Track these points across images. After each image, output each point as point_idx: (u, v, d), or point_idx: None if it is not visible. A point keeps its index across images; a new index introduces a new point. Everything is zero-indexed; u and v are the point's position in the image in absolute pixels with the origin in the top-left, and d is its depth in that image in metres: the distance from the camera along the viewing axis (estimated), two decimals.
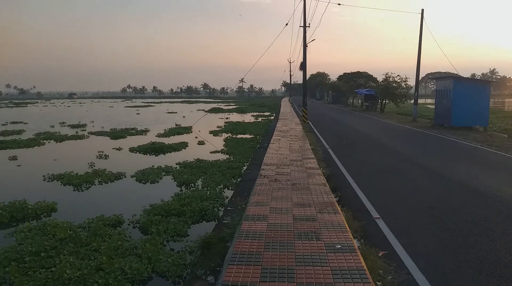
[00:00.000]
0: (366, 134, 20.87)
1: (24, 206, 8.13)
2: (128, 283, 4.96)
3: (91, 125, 31.02)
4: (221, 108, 61.56)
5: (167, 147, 17.02)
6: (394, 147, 15.95)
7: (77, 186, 10.50)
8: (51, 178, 11.39)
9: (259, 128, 25.96)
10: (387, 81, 40.86)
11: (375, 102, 45.94)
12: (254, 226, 5.67)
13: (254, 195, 7.50)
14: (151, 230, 6.82)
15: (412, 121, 29.09)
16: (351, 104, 62.29)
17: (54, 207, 8.46)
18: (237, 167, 12.20)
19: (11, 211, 7.92)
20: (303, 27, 29.19)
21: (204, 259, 5.30)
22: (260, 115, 42.38)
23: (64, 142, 20.54)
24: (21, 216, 7.90)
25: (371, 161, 12.60)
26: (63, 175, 11.40)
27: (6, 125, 31.34)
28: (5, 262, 5.59)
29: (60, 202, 8.78)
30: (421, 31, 29.51)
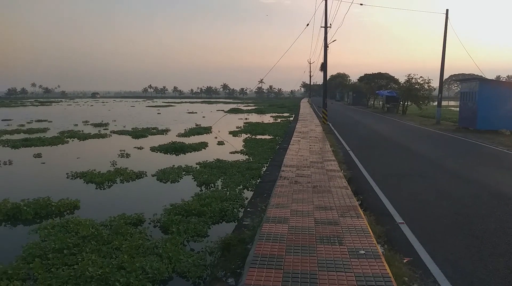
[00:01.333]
0: (388, 137, 20.49)
1: (48, 203, 8.29)
2: (149, 282, 4.97)
3: (113, 124, 31.56)
4: (240, 108, 61.66)
5: (187, 147, 17.14)
6: (417, 150, 15.60)
7: (100, 184, 10.66)
8: (74, 176, 11.60)
9: (278, 129, 25.86)
10: (410, 83, 40.11)
11: (397, 103, 45.13)
12: (275, 229, 5.60)
13: (274, 197, 7.43)
14: (172, 229, 6.84)
15: (435, 123, 28.44)
16: (372, 105, 61.43)
17: (77, 205, 8.60)
18: (256, 168, 12.16)
19: (35, 208, 8.08)
20: (324, 28, 28.94)
21: (225, 261, 5.26)
22: (279, 116, 42.24)
23: (87, 140, 20.96)
24: (44, 213, 8.05)
25: (394, 164, 12.35)
26: (86, 173, 11.61)
27: (31, 123, 32.22)
28: (29, 258, 5.69)
29: (83, 199, 8.92)
30: (446, 32, 28.85)
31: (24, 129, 26.37)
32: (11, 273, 5.23)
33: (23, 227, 7.47)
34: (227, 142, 19.77)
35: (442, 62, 29.35)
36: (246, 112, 51.56)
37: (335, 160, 11.92)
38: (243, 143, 18.88)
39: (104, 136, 22.72)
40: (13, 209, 7.94)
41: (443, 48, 29.11)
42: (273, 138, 20.58)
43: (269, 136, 22.03)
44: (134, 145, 18.50)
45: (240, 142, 19.68)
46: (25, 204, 8.11)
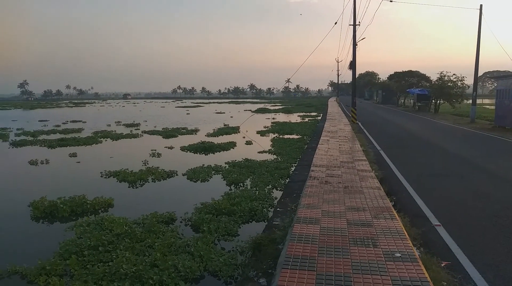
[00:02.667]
0: (420, 136, 19.90)
1: (84, 201, 8.54)
2: (181, 280, 5.02)
3: (145, 124, 32.26)
4: (267, 108, 61.64)
5: (216, 147, 17.27)
6: (451, 149, 15.06)
7: (132, 183, 10.90)
8: (108, 174, 11.92)
9: (306, 128, 25.65)
10: (442, 80, 38.82)
11: (429, 102, 43.82)
12: (306, 230, 5.52)
13: (305, 197, 7.35)
14: (203, 228, 6.90)
15: (469, 122, 27.39)
16: (402, 104, 59.87)
17: (111, 203, 8.82)
18: (285, 168, 12.09)
19: (71, 205, 8.34)
20: (353, 26, 28.50)
21: (256, 261, 5.24)
22: (307, 115, 41.90)
23: (119, 140, 21.53)
24: (80, 210, 8.30)
25: (427, 164, 11.96)
26: (119, 172, 11.90)
27: (66, 124, 33.43)
28: (66, 255, 5.88)
29: (117, 198, 9.14)
30: (480, 28, 27.70)
31: (60, 130, 27.40)
32: (49, 268, 5.41)
33: (60, 224, 7.73)
34: (255, 141, 19.78)
35: (476, 59, 28.20)
36: (273, 112, 51.47)
37: (366, 160, 11.68)
38: (271, 143, 18.85)
39: (135, 136, 23.27)
40: (50, 206, 8.22)
41: (477, 44, 27.98)
42: (301, 138, 20.43)
43: (297, 135, 21.88)
44: (165, 144, 18.84)
45: (268, 141, 19.65)
46: (61, 202, 8.37)
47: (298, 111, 52.89)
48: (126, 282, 4.90)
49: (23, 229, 7.51)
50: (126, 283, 4.87)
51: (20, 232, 7.38)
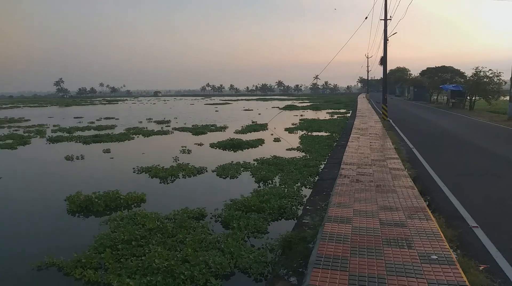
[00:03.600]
0: (455, 133, 19.19)
1: (117, 196, 8.77)
2: (212, 277, 5.06)
3: (175, 121, 32.80)
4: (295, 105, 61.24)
5: (244, 144, 17.32)
6: (487, 147, 14.43)
7: (163, 179, 11.11)
8: (140, 170, 12.20)
9: (335, 125, 25.30)
10: (477, 76, 37.25)
11: (463, 98, 42.16)
12: (337, 229, 5.44)
13: (335, 196, 7.24)
14: (233, 225, 6.93)
15: (507, 120, 26.13)
16: (435, 101, 57.95)
17: (143, 198, 9.01)
18: (314, 165, 11.98)
19: (106, 200, 8.58)
20: (384, 20, 27.79)
21: (286, 259, 5.21)
22: (336, 112, 41.30)
23: (151, 137, 22.01)
24: (114, 205, 8.53)
25: (463, 163, 11.52)
26: (151, 168, 12.15)
27: (100, 121, 34.48)
28: (100, 248, 6.05)
29: (149, 193, 9.33)
30: None
31: (94, 126, 28.31)
32: (84, 261, 5.59)
33: (94, 218, 7.97)
34: (283, 139, 19.70)
35: None
36: (301, 109, 51.11)
37: (398, 158, 11.38)
38: (299, 140, 18.71)
39: (166, 132, 23.70)
40: (86, 201, 8.49)
41: None
42: (330, 135, 20.18)
43: (325, 133, 21.63)
44: (195, 141, 19.09)
45: (296, 139, 19.53)
46: (96, 197, 8.63)
47: (326, 108, 52.24)
48: (158, 276, 4.99)
49: (59, 223, 7.79)
50: (159, 277, 4.96)
51: (57, 225, 7.66)
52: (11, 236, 7.11)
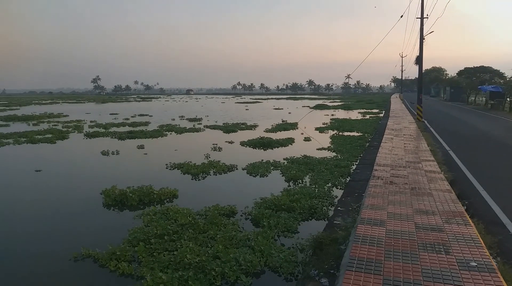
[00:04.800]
0: (494, 136, 18.35)
1: (150, 191, 8.96)
2: (242, 274, 5.08)
3: (206, 119, 33.21)
4: (326, 104, 60.53)
5: (274, 142, 17.30)
6: None
7: (195, 176, 11.26)
8: (173, 166, 12.43)
9: (367, 125, 24.81)
10: None
11: (503, 100, 40.23)
12: (371, 231, 5.31)
13: (368, 198, 7.08)
14: (263, 223, 6.94)
15: None
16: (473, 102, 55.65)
17: (175, 194, 9.17)
18: (345, 166, 11.79)
19: (139, 194, 8.79)
20: (421, 19, 26.93)
21: (317, 260, 5.15)
22: (368, 112, 40.47)
23: (183, 134, 22.39)
24: (147, 200, 8.72)
25: (502, 167, 11.00)
26: (183, 164, 12.36)
27: (134, 117, 35.42)
28: (134, 242, 6.20)
29: (181, 189, 9.48)
30: None
31: (129, 123, 29.12)
32: (119, 254, 5.74)
33: (129, 212, 8.18)
34: (314, 138, 19.52)
35: None
36: (332, 108, 50.46)
37: (434, 160, 11.01)
38: (330, 140, 18.49)
39: (198, 130, 24.04)
40: (121, 195, 8.73)
41: None
42: (362, 135, 19.81)
43: (357, 133, 21.25)
44: (225, 139, 19.25)
45: (327, 138, 19.30)
46: (130, 191, 8.85)
47: (358, 107, 51.30)
48: (190, 271, 5.06)
49: (95, 215, 8.05)
50: (190, 272, 5.03)
51: (93, 218, 7.91)
52: (50, 227, 7.41)
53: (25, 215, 8.04)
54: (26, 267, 5.75)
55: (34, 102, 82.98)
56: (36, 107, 58.79)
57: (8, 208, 8.57)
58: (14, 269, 5.70)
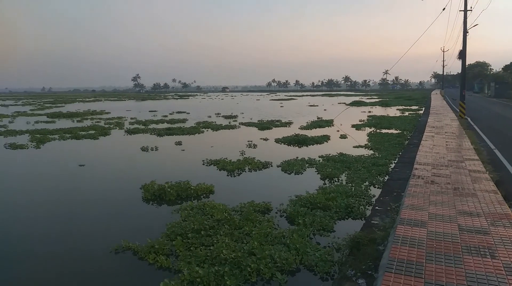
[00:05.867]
0: None
1: (188, 187, 9.13)
2: (277, 271, 5.07)
3: (241, 116, 33.45)
4: (363, 101, 59.26)
5: (309, 140, 17.14)
6: None
7: (231, 172, 11.38)
8: (209, 162, 12.62)
9: (406, 123, 24.04)
10: None
11: None
12: (411, 232, 5.15)
13: (408, 197, 6.87)
14: (298, 221, 6.89)
15: None
16: None
17: (212, 190, 9.30)
18: (383, 164, 11.49)
19: (177, 190, 8.97)
20: (464, 11, 25.73)
21: (354, 260, 5.06)
22: (407, 109, 39.22)
23: (219, 131, 22.69)
24: (185, 195, 8.90)
25: None
26: (219, 160, 12.52)
27: (172, 115, 36.26)
28: (172, 236, 6.35)
29: (217, 185, 9.60)
30: None
31: (167, 119, 29.84)
32: (157, 248, 5.89)
33: (167, 206, 8.37)
34: (350, 135, 19.17)
35: None
36: (369, 105, 49.33)
37: (478, 159, 10.50)
38: (367, 137, 18.09)
39: (233, 127, 24.27)
40: (159, 190, 8.95)
41: None
42: (400, 133, 19.22)
43: (396, 130, 20.64)
44: (260, 136, 19.30)
45: (364, 136, 18.89)
46: (168, 186, 9.06)
47: (396, 104, 49.84)
48: (226, 267, 5.12)
49: (135, 209, 8.29)
50: (226, 268, 5.08)
51: (133, 212, 8.16)
52: (92, 219, 7.71)
53: (70, 208, 8.42)
54: (70, 256, 6.02)
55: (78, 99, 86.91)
56: (80, 105, 61.54)
57: (55, 201, 9.01)
58: (60, 257, 5.99)
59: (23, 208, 8.48)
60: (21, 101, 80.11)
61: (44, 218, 7.79)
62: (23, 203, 8.88)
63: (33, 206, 8.62)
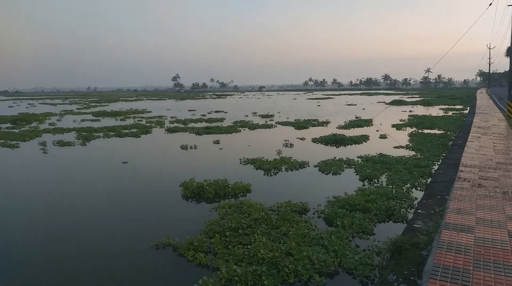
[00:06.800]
0: None
1: (226, 185, 9.23)
2: (316, 273, 5.02)
3: (278, 115, 33.42)
4: (403, 100, 57.43)
5: (347, 139, 16.84)
6: None
7: (267, 171, 11.40)
8: (246, 161, 12.70)
9: (450, 123, 23.06)
10: None
11: None
12: (457, 238, 4.92)
13: (453, 201, 6.57)
14: (336, 222, 6.79)
15: None
16: None
17: (249, 188, 9.35)
18: (426, 166, 11.08)
19: (215, 188, 9.10)
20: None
21: (395, 264, 4.90)
22: (450, 109, 37.60)
23: (256, 130, 22.80)
24: (223, 193, 9.00)
25: None
26: (256, 159, 12.57)
27: (210, 114, 36.85)
28: (210, 234, 6.43)
29: (254, 184, 9.64)
30: None
31: (205, 118, 30.36)
32: (196, 245, 5.99)
33: (205, 204, 8.50)
34: (390, 135, 18.64)
35: None
36: (410, 104, 47.74)
37: None
38: (408, 138, 17.52)
39: (270, 126, 24.29)
40: (198, 188, 9.12)
41: None
42: (444, 133, 18.45)
43: (439, 130, 19.85)
44: (297, 135, 19.20)
45: (405, 136, 18.31)
46: (207, 184, 9.20)
47: (439, 103, 47.90)
48: (263, 266, 5.12)
49: (175, 206, 8.50)
50: (264, 267, 5.09)
51: (172, 208, 8.37)
52: (134, 214, 7.97)
53: (113, 203, 8.76)
54: (111, 249, 6.26)
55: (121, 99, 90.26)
56: (123, 104, 63.91)
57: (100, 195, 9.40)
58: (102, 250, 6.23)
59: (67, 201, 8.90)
60: (68, 100, 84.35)
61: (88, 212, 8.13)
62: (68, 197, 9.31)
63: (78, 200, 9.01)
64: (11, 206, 8.74)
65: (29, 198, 9.30)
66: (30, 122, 29.69)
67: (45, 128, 24.75)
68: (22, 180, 11.23)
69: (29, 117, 32.57)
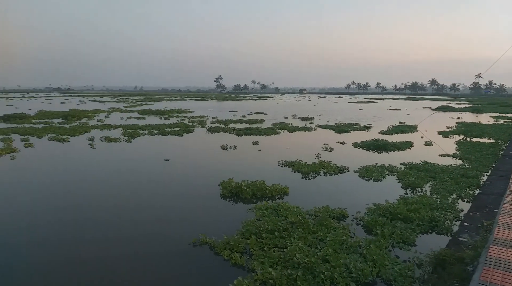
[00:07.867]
0: None
1: (263, 186, 9.25)
2: (353, 282, 4.90)
3: (318, 118, 33.06)
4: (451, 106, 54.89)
5: (390, 145, 16.34)
6: None
7: (305, 174, 11.30)
8: (284, 164, 12.66)
9: (501, 131, 21.79)
10: None
11: None
12: (506, 254, 4.63)
13: (503, 215, 6.20)
14: (376, 231, 6.61)
15: None
16: None
17: (286, 191, 9.31)
18: (474, 176, 10.54)
19: (253, 189, 9.14)
20: None
21: (438, 279, 4.70)
22: (502, 117, 35.50)
23: (295, 132, 22.68)
24: (260, 194, 9.03)
25: None
26: (294, 162, 12.50)
27: (251, 115, 37.09)
28: (246, 234, 6.47)
29: (291, 187, 9.60)
30: None
31: (246, 120, 30.60)
32: (232, 244, 6.05)
33: (242, 204, 8.56)
34: (436, 143, 17.88)
35: None
36: (458, 111, 45.55)
37: None
38: (455, 146, 16.74)
39: (309, 129, 24.08)
40: (236, 188, 9.20)
41: None
42: (494, 143, 17.47)
43: (489, 139, 18.81)
44: (337, 139, 18.89)
45: (452, 144, 17.51)
46: (245, 185, 9.26)
47: (490, 111, 45.37)
48: (299, 271, 5.08)
49: (213, 205, 8.60)
50: (299, 272, 5.05)
51: (210, 207, 8.48)
52: (174, 212, 8.16)
53: (155, 199, 9.02)
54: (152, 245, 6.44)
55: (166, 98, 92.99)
56: (167, 103, 65.81)
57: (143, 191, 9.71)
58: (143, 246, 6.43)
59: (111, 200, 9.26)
60: (116, 98, 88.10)
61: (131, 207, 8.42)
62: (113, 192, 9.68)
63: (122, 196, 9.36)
64: (65, 200, 9.21)
65: (73, 195, 9.76)
66: (80, 118, 31.32)
67: (94, 124, 26.00)
68: (66, 175, 11.80)
69: (79, 113, 34.33)
